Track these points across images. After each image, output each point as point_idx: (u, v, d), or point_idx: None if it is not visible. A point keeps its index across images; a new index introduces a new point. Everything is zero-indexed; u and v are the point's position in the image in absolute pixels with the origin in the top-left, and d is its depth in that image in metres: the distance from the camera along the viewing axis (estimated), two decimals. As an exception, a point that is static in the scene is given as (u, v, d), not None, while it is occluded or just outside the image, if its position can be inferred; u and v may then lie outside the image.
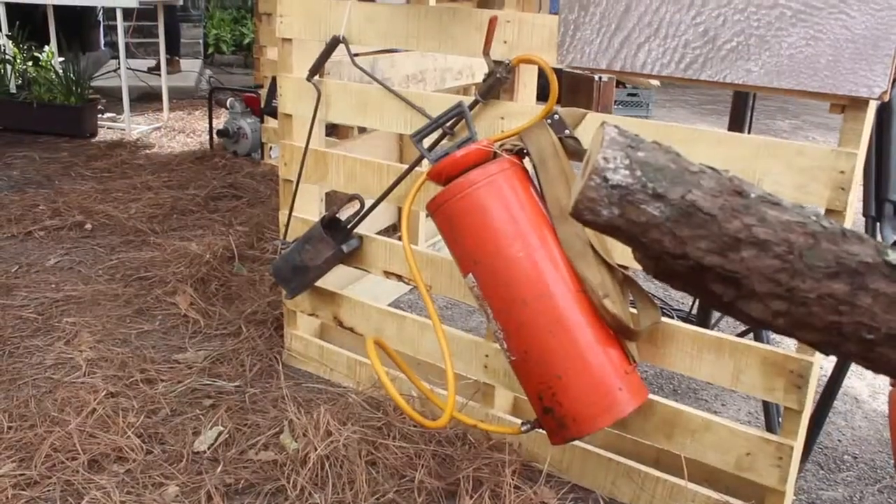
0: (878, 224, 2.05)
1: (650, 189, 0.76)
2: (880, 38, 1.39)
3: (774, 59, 1.48)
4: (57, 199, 3.81)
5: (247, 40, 9.00)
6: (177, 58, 7.46)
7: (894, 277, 0.75)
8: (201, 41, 8.93)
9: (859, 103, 1.46)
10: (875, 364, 0.78)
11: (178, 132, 5.52)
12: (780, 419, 1.76)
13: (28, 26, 5.65)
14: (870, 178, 2.04)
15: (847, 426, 2.32)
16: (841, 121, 1.49)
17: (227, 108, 4.76)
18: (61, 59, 5.45)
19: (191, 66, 7.79)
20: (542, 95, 1.77)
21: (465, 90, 3.12)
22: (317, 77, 2.08)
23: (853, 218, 1.58)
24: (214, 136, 4.88)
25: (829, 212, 1.52)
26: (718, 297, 0.80)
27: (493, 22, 1.73)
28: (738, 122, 2.05)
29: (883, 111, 2.02)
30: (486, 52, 1.76)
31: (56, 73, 5.23)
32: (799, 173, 1.51)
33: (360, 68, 2.00)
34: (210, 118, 5.00)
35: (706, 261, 0.77)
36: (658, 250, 0.78)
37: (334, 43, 2.01)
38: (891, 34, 1.38)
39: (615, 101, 6.53)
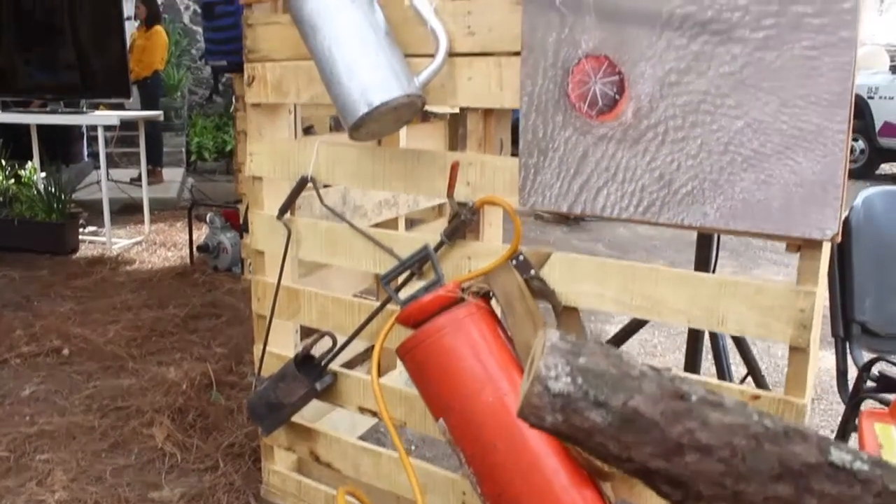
0: (846, 343, 2.07)
1: (592, 397, 0.77)
2: (828, 182, 1.43)
3: (729, 202, 1.52)
4: (35, 323, 3.80)
5: (229, 147, 9.08)
6: (159, 168, 7.55)
7: (838, 478, 0.75)
8: (184, 149, 9.04)
9: (814, 244, 1.49)
10: (827, 562, 0.78)
11: (158, 245, 5.55)
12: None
13: (12, 143, 5.73)
14: (836, 299, 2.07)
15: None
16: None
17: (206, 223, 4.80)
18: (43, 174, 5.50)
19: (173, 175, 7.88)
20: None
21: (439, 209, 3.16)
22: (287, 215, 2.11)
23: (818, 345, 1.59)
24: (195, 250, 4.90)
25: (793, 349, 1.53)
26: (668, 496, 0.80)
27: (454, 167, 1.77)
28: (703, 259, 2.07)
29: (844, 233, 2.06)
30: (449, 195, 1.80)
31: (37, 189, 5.28)
32: (760, 313, 1.53)
33: (329, 209, 2.03)
34: (190, 233, 5.04)
35: (651, 464, 0.78)
36: (604, 454, 0.79)
37: (303, 183, 2.05)
38: (836, 179, 1.42)
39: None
